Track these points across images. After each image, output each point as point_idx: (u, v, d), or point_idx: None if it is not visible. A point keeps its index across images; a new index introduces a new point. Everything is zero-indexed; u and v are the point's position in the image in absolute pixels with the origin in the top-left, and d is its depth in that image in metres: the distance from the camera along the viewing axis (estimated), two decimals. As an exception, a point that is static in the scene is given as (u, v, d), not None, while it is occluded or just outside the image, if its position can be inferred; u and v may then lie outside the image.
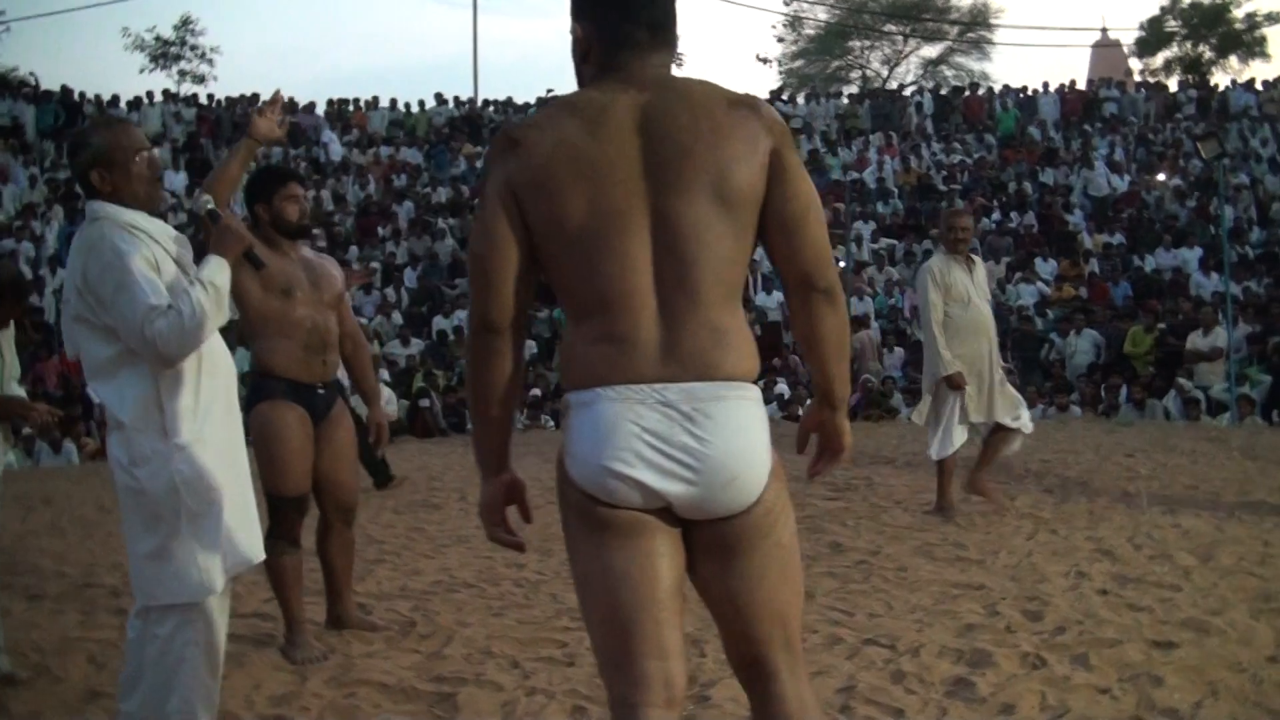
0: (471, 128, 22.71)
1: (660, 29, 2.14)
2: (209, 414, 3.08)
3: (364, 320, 16.10)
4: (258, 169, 4.84)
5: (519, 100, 23.93)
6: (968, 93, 25.71)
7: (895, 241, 18.53)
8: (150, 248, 2.99)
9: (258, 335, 4.22)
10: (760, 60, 68.69)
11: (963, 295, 6.56)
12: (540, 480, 3.39)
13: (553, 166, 2.04)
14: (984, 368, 6.54)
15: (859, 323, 15.11)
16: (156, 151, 3.11)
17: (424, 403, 13.45)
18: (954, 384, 6.44)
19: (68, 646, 4.51)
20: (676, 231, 2.03)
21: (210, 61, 37.75)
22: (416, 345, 16.11)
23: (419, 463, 10.24)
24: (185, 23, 37.76)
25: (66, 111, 20.81)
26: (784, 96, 25.40)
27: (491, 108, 23.77)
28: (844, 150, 22.08)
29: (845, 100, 25.37)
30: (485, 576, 5.44)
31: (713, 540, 2.10)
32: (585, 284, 2.07)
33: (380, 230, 19.17)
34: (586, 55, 2.16)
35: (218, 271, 3.01)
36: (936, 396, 6.61)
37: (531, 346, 15.17)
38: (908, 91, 27.85)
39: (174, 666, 3.00)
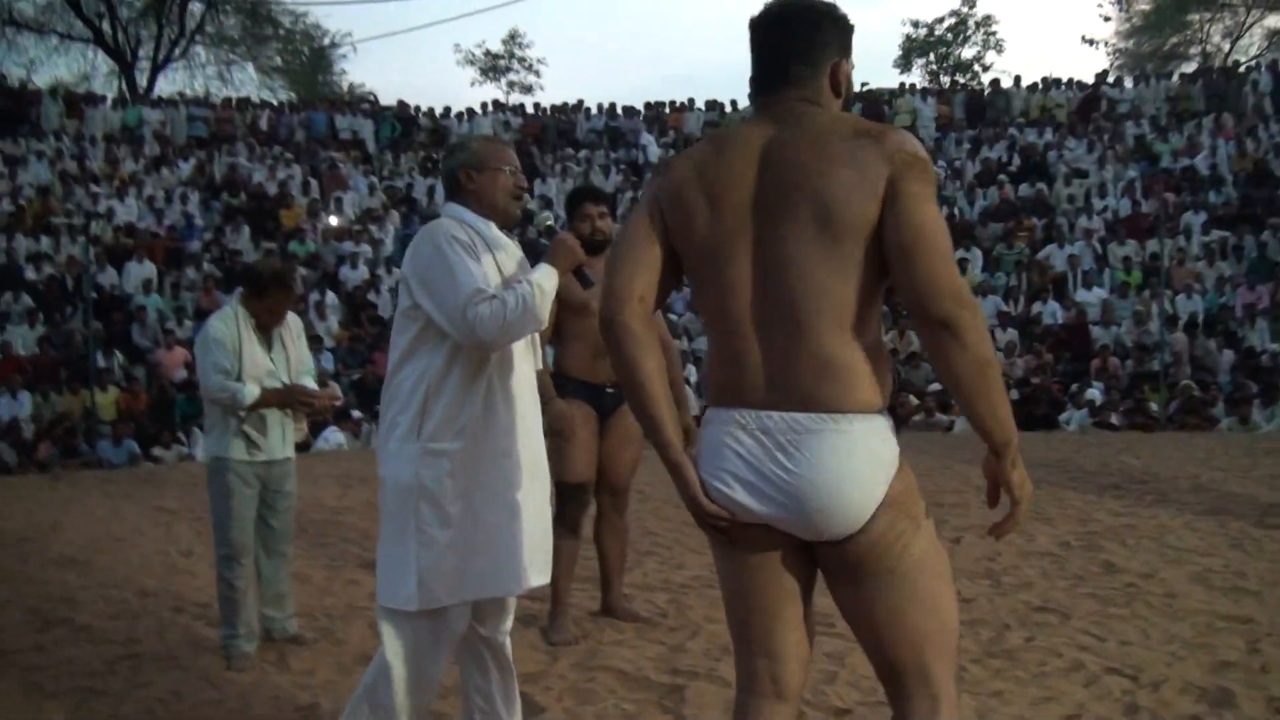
0: (781, 125, 22.89)
1: (786, 68, 2.21)
2: (481, 429, 3.02)
3: (674, 316, 16.75)
4: (573, 189, 5.25)
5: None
6: (1316, 67, 23.31)
7: (1227, 234, 17.16)
8: (484, 254, 3.05)
9: (556, 340, 4.67)
10: (1086, 42, 64.63)
11: None
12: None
13: (684, 187, 2.19)
14: None
15: (1172, 323, 14.20)
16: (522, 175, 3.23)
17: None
18: None
19: (353, 614, 5.16)
20: (776, 260, 2.10)
21: (537, 72, 40.23)
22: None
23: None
24: (513, 36, 40.42)
25: (402, 124, 22.73)
26: (1109, 80, 23.93)
27: (802, 105, 23.84)
28: (1174, 135, 20.62)
29: (1176, 80, 23.60)
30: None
31: (830, 563, 2.19)
32: (702, 302, 2.22)
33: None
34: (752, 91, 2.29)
35: (547, 277, 3.05)
36: None
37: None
38: (1245, 68, 25.50)
39: (381, 670, 3.05)
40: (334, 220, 19.01)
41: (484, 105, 23.67)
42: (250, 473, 4.62)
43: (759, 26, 2.26)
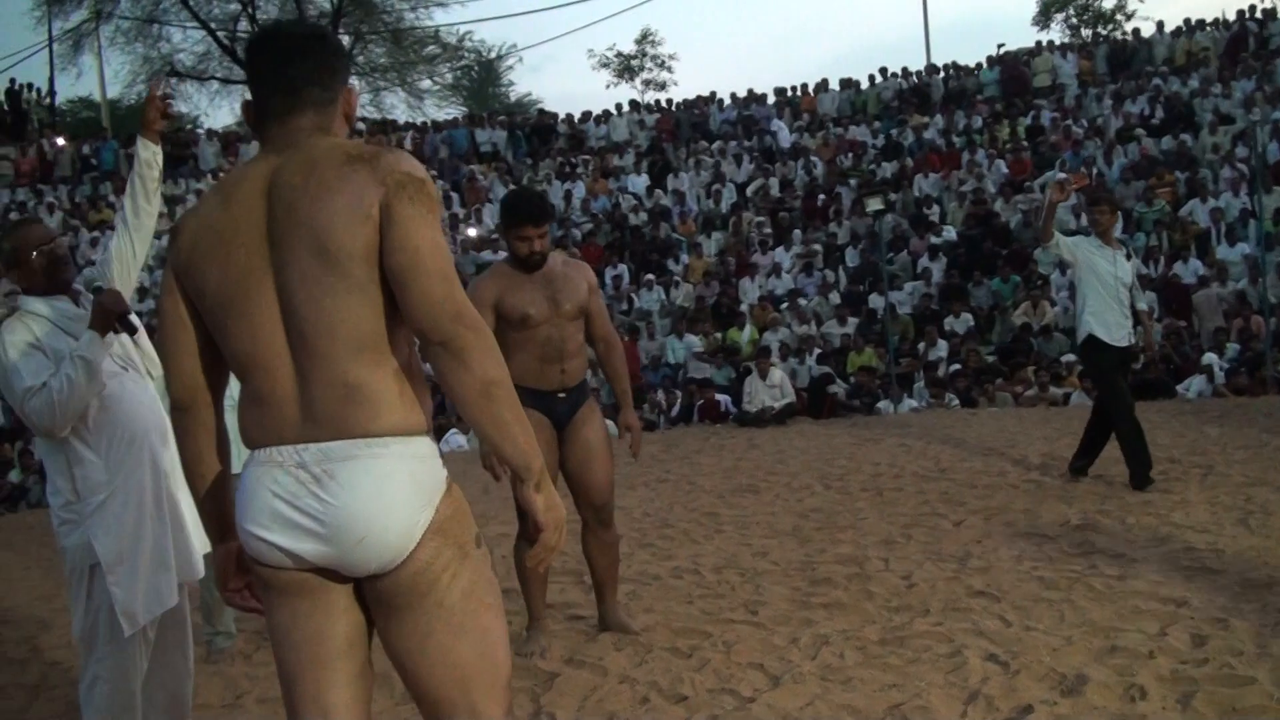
0: (921, 98, 22.32)
1: (296, 92, 2.12)
2: (120, 470, 3.29)
3: (803, 301, 16.64)
4: (503, 201, 4.82)
5: (967, 63, 23.13)
6: None
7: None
8: (50, 340, 3.26)
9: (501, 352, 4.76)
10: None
11: None
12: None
13: (194, 246, 2.11)
14: None
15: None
16: (63, 239, 3.37)
17: (832, 388, 13.61)
18: None
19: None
20: (292, 290, 2.03)
21: (669, 68, 40.61)
22: (853, 324, 16.28)
23: (800, 445, 10.52)
24: (645, 36, 40.93)
25: (539, 133, 23.30)
26: (1258, 13, 22.16)
27: (941, 74, 23.18)
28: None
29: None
30: (725, 563, 5.71)
31: (374, 596, 2.10)
32: (227, 347, 2.12)
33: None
34: (252, 126, 2.21)
35: (87, 346, 3.19)
36: None
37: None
38: None
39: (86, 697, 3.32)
40: (472, 231, 19.68)
41: (618, 106, 24.02)
42: None
43: (264, 51, 2.17)
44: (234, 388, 2.16)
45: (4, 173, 21.74)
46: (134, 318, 3.35)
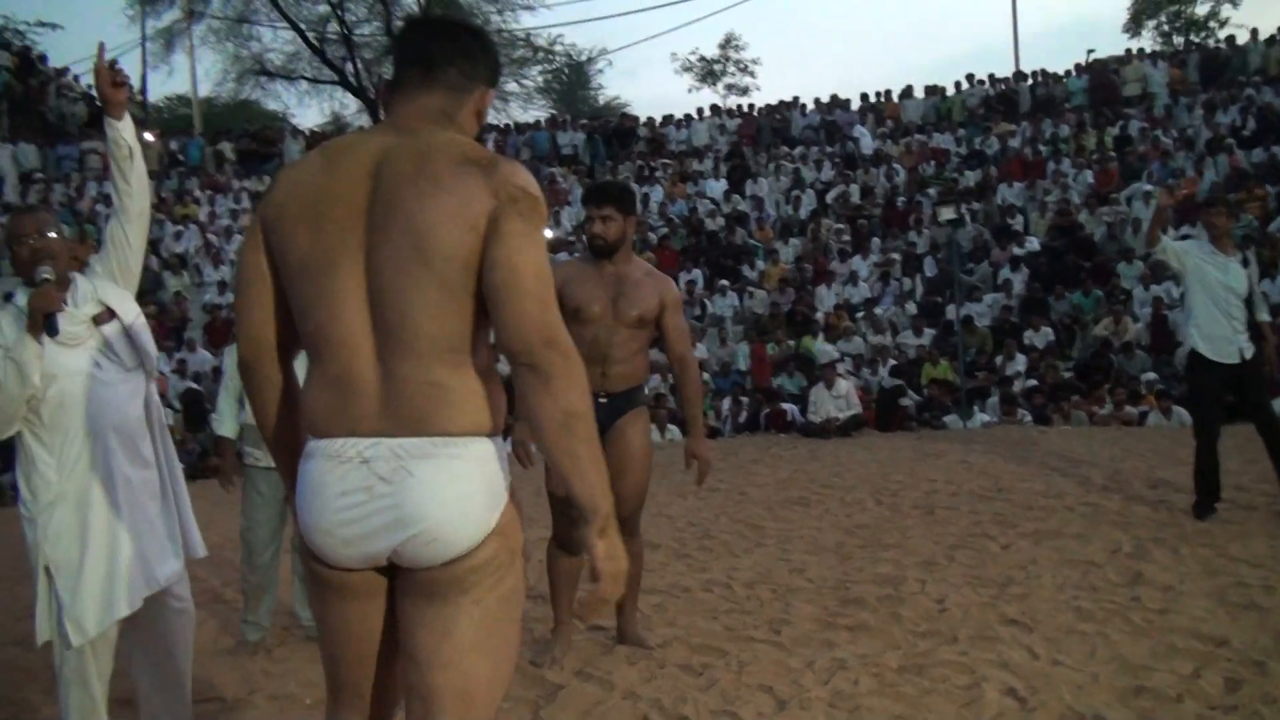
0: (1007, 105, 21.86)
1: (432, 68, 2.11)
2: (73, 473, 3.20)
3: (879, 310, 16.38)
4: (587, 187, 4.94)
5: (1056, 70, 22.60)
6: None
7: None
8: (10, 328, 3.18)
9: None
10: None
11: None
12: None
13: (286, 203, 2.05)
14: None
15: None
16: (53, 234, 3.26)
17: (903, 401, 13.36)
18: None
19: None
20: (383, 278, 1.98)
21: (752, 73, 40.42)
22: (929, 335, 15.98)
23: (860, 458, 10.33)
24: (728, 41, 40.80)
25: (619, 137, 23.31)
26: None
27: (1028, 80, 22.67)
28: None
29: None
30: (759, 578, 5.61)
31: (413, 584, 2.05)
32: (303, 319, 2.06)
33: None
34: (384, 105, 2.19)
35: (16, 344, 3.12)
36: None
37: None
38: None
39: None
40: (550, 233, 19.75)
41: (699, 110, 23.92)
42: (263, 478, 5.02)
43: (416, 28, 2.21)
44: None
45: (93, 165, 22.31)
46: (67, 317, 3.21)
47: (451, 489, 1.99)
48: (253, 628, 5.11)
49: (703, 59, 41.10)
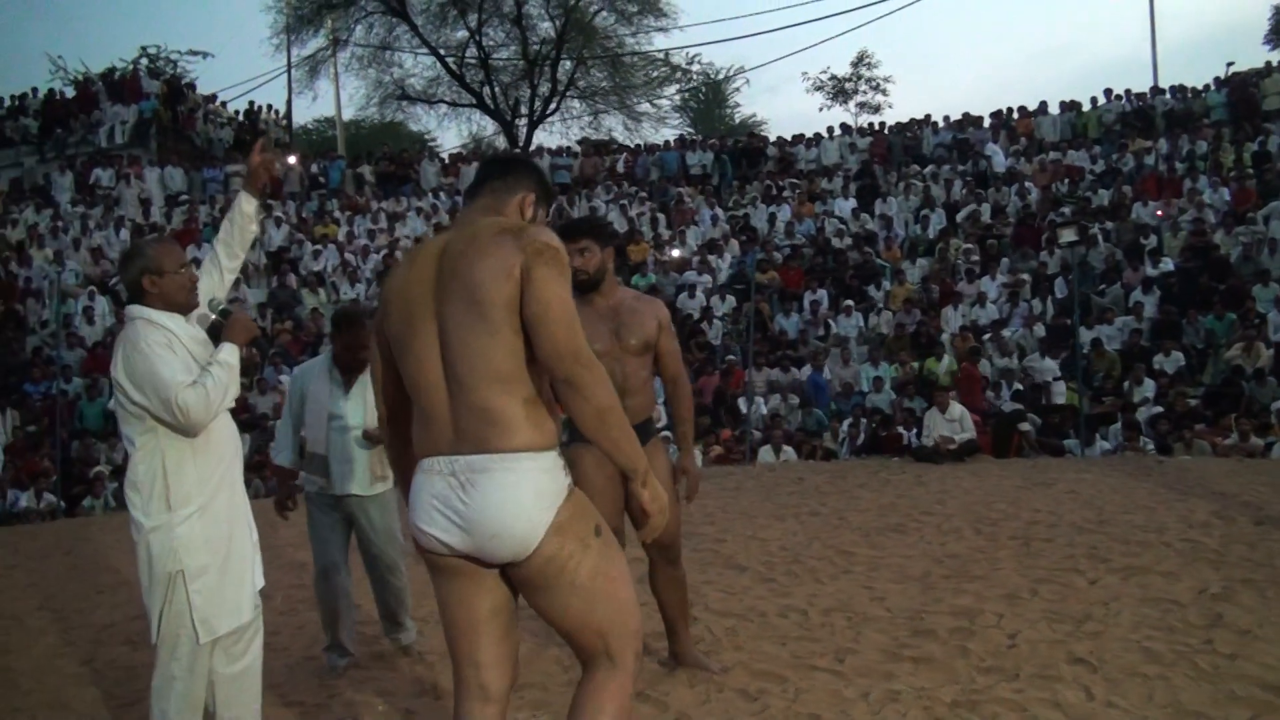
0: (1144, 121, 21.25)
1: (483, 183, 2.87)
2: (208, 487, 3.56)
3: (1006, 333, 16.12)
4: (559, 224, 4.88)
5: (1195, 84, 21.85)
6: None
7: None
8: (179, 347, 3.56)
9: None
10: None
11: None
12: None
13: (388, 296, 2.78)
14: None
15: None
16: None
17: (1023, 425, 13.15)
18: None
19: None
20: (449, 332, 2.62)
21: (884, 91, 39.98)
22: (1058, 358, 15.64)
23: (966, 485, 10.24)
24: (861, 59, 40.42)
25: (747, 156, 23.42)
26: None
27: (1166, 94, 21.98)
28: None
29: None
30: (838, 605, 5.71)
31: (518, 579, 2.70)
32: (403, 376, 2.74)
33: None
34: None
35: (230, 354, 3.59)
36: None
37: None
38: None
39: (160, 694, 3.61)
40: (675, 252, 20.00)
41: (829, 129, 23.88)
42: (323, 503, 5.26)
43: (484, 163, 3.00)
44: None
45: (236, 188, 23.39)
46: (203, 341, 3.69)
47: (504, 496, 2.58)
48: (336, 652, 5.22)
49: (834, 78, 40.89)
